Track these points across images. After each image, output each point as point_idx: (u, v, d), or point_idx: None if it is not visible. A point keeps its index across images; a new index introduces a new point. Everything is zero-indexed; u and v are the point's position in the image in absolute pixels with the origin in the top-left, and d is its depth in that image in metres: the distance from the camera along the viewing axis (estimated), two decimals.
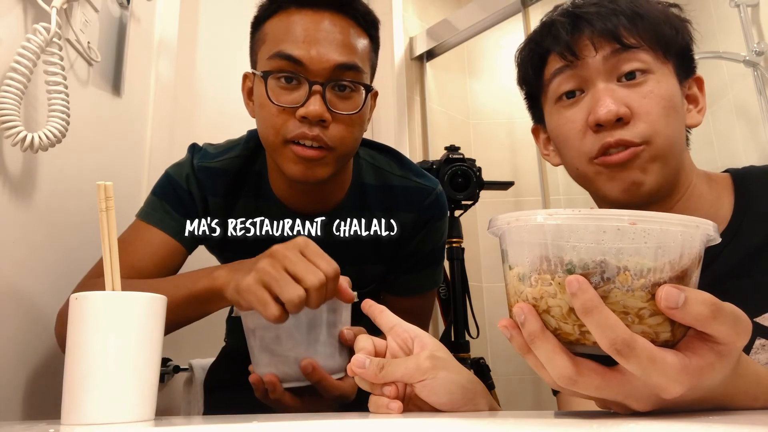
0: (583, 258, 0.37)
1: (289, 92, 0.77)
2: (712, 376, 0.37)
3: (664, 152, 0.65)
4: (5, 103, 0.74)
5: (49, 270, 0.87)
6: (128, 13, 1.14)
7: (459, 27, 2.14)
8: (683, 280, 0.38)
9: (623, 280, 0.36)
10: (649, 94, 0.66)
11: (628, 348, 0.35)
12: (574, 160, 0.70)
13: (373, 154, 0.96)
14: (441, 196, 0.96)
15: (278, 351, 0.65)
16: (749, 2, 1.79)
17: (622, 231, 0.36)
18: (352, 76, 0.79)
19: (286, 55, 0.76)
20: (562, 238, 0.37)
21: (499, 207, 2.21)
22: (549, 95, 0.73)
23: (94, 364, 0.51)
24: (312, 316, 0.65)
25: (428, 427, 0.42)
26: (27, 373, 0.81)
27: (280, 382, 0.65)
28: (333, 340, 0.67)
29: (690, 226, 0.37)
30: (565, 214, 0.37)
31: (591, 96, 0.67)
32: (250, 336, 0.67)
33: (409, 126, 2.09)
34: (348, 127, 0.79)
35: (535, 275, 0.39)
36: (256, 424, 0.43)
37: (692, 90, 0.72)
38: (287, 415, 0.57)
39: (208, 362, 1.19)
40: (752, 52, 1.75)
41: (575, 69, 0.68)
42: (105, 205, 0.59)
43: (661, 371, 0.35)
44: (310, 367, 0.64)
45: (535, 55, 0.73)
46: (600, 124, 0.65)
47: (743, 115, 1.82)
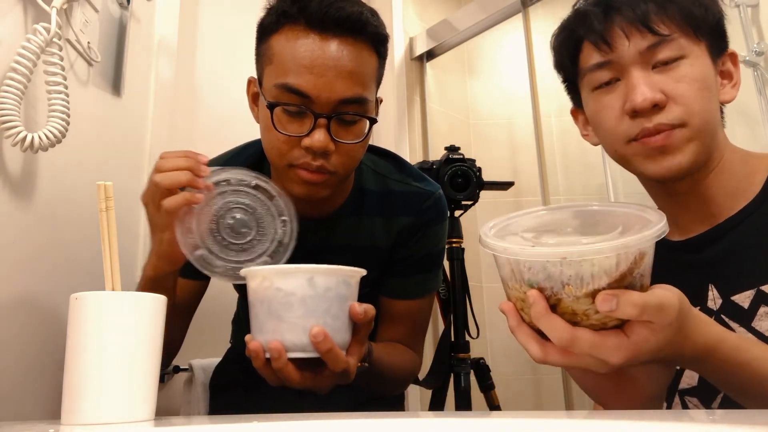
0: (537, 277, 0.48)
1: (294, 122, 0.77)
2: (648, 345, 0.48)
3: (699, 132, 0.68)
4: (5, 103, 0.74)
5: (49, 270, 0.87)
6: (128, 13, 1.14)
7: (459, 27, 2.14)
8: (624, 280, 0.47)
9: (569, 291, 0.47)
10: (684, 77, 0.68)
11: (570, 343, 0.47)
12: (613, 143, 0.74)
13: (374, 160, 0.96)
14: (440, 201, 0.95)
15: (287, 318, 0.63)
16: (749, 2, 1.79)
17: (561, 260, 0.46)
18: (357, 108, 0.78)
19: (293, 89, 0.75)
20: (520, 264, 0.49)
21: (499, 207, 2.21)
22: (585, 83, 0.76)
23: (94, 364, 0.51)
24: (326, 287, 0.64)
25: (428, 427, 0.42)
26: (27, 373, 0.81)
27: (285, 351, 0.63)
28: (343, 314, 0.66)
29: (620, 249, 0.45)
30: (518, 249, 0.48)
31: (626, 83, 0.70)
32: (257, 302, 0.65)
33: (409, 126, 2.09)
34: (350, 153, 0.80)
35: (510, 282, 0.51)
36: (256, 424, 0.43)
37: (726, 65, 0.74)
38: (287, 415, 0.57)
39: (208, 362, 1.19)
40: (752, 52, 1.75)
41: (610, 63, 0.71)
42: (105, 205, 0.59)
43: (602, 351, 0.47)
44: (321, 335, 0.61)
45: (570, 43, 0.76)
46: (636, 111, 0.68)
47: (743, 115, 1.82)
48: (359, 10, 0.78)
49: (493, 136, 2.35)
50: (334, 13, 0.75)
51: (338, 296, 0.65)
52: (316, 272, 0.63)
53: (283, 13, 0.78)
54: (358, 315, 0.66)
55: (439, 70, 2.32)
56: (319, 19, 0.75)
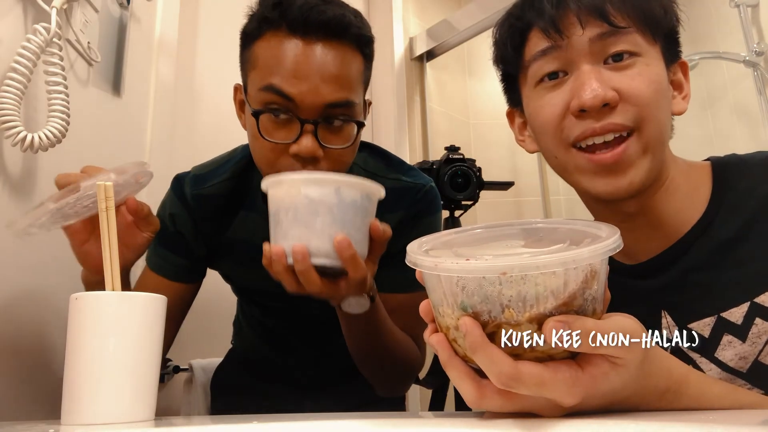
0: (472, 300, 0.39)
1: (281, 128, 0.76)
2: (607, 383, 0.39)
3: (653, 141, 0.61)
4: (5, 103, 0.74)
5: (49, 270, 0.87)
6: (128, 13, 1.14)
7: (459, 27, 2.14)
8: (572, 303, 0.39)
9: (509, 315, 0.39)
10: (638, 76, 0.61)
11: (513, 380, 0.38)
12: (553, 147, 0.66)
13: (365, 159, 0.95)
14: (431, 192, 0.94)
15: (314, 224, 0.64)
16: (749, 2, 1.79)
17: (501, 277, 0.38)
18: (344, 112, 0.77)
19: (277, 90, 0.74)
20: (453, 283, 0.40)
21: (499, 207, 2.21)
22: (529, 77, 0.68)
23: (94, 364, 0.51)
24: (352, 198, 0.65)
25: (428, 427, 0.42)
26: (27, 373, 0.81)
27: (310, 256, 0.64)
28: (364, 227, 0.68)
29: (569, 262, 0.38)
30: (450, 264, 0.39)
31: (575, 78, 0.63)
32: (281, 210, 0.66)
33: (409, 126, 2.09)
34: (339, 158, 0.78)
35: (441, 308, 0.42)
36: (256, 424, 0.43)
37: (677, 75, 0.68)
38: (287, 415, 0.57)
39: (208, 362, 1.19)
40: (752, 53, 1.75)
41: (559, 50, 0.64)
42: (105, 205, 0.59)
43: (551, 389, 0.38)
44: (345, 242, 0.63)
45: (515, 31, 0.68)
46: (584, 109, 0.61)
47: (743, 115, 1.82)
48: (341, 12, 0.77)
49: (493, 136, 2.35)
50: (315, 17, 0.74)
51: (362, 209, 0.67)
52: (343, 183, 0.65)
53: (264, 19, 0.77)
54: (377, 230, 0.68)
55: (439, 70, 2.32)
56: (300, 23, 0.74)
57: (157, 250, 0.91)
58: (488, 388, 0.40)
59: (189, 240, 0.91)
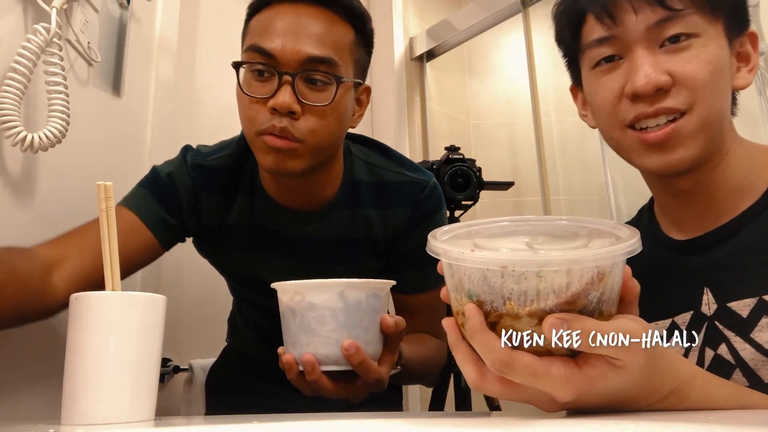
0: (477, 289, 0.41)
1: (261, 84, 0.77)
2: (604, 383, 0.39)
3: (706, 123, 0.62)
4: (5, 103, 0.74)
5: None
6: (128, 13, 1.14)
7: (459, 27, 2.14)
8: (575, 303, 0.39)
9: (510, 308, 0.39)
10: (694, 58, 0.61)
11: (506, 366, 0.39)
12: (609, 128, 0.67)
13: (365, 151, 0.95)
14: (436, 189, 0.94)
15: (320, 331, 0.64)
16: (749, 2, 1.78)
17: (502, 270, 0.39)
18: (325, 68, 0.77)
19: (259, 48, 0.77)
20: (460, 271, 0.42)
21: (499, 207, 2.21)
22: (586, 59, 0.69)
23: (94, 364, 0.51)
24: (357, 300, 0.64)
25: (428, 427, 0.42)
26: (27, 373, 0.81)
27: (318, 364, 0.64)
28: (374, 326, 0.66)
29: (572, 263, 0.38)
30: (456, 253, 0.41)
31: (629, 63, 0.63)
32: (289, 315, 0.66)
33: (409, 126, 2.09)
34: (320, 120, 0.78)
35: (453, 294, 0.44)
36: (256, 425, 0.43)
37: (744, 47, 0.67)
38: (286, 415, 0.57)
39: (208, 362, 1.19)
40: None
41: (614, 39, 0.64)
42: (105, 205, 0.59)
43: (544, 382, 0.38)
44: (353, 348, 0.62)
45: (571, 14, 0.69)
46: (638, 94, 0.62)
47: (743, 115, 1.82)
48: None
49: (493, 136, 2.35)
50: None
51: (369, 309, 0.65)
52: (347, 286, 0.64)
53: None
54: (389, 327, 0.67)
55: (439, 70, 2.32)
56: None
57: (143, 193, 0.88)
58: (490, 374, 0.41)
59: (182, 200, 0.89)
